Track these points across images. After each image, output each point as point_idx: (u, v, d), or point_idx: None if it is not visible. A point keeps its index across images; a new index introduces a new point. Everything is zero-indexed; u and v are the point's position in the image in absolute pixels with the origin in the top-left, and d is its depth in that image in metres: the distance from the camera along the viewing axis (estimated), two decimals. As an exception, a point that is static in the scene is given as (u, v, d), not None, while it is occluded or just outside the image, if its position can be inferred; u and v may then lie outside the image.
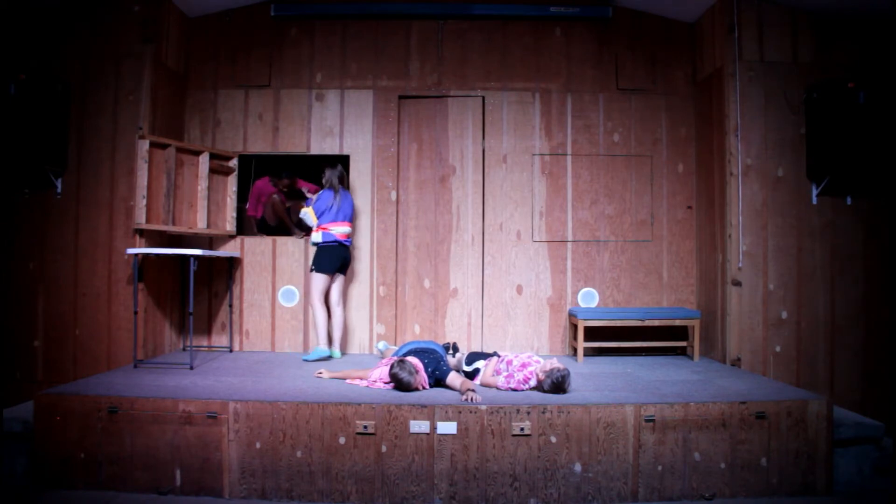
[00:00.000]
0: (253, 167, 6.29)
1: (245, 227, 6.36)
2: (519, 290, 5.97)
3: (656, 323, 5.54)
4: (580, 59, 6.04)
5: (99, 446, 3.78)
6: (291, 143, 6.01)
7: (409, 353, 4.44)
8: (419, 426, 3.72)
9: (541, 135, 6.02)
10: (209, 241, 5.93)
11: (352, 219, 5.61)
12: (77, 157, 5.22)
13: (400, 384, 4.09)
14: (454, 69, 6.04)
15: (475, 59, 6.04)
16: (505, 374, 4.24)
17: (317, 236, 5.41)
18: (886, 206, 5.29)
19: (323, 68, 6.03)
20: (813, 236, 5.30)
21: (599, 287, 5.97)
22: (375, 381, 4.31)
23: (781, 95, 5.33)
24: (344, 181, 5.59)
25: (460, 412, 3.74)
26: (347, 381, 4.46)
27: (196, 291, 5.35)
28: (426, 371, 4.23)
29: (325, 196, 5.44)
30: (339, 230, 5.43)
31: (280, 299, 5.92)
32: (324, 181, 5.52)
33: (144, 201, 5.11)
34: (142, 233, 5.16)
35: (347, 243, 5.52)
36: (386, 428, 3.73)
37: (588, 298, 5.94)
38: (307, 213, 5.47)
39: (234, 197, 5.95)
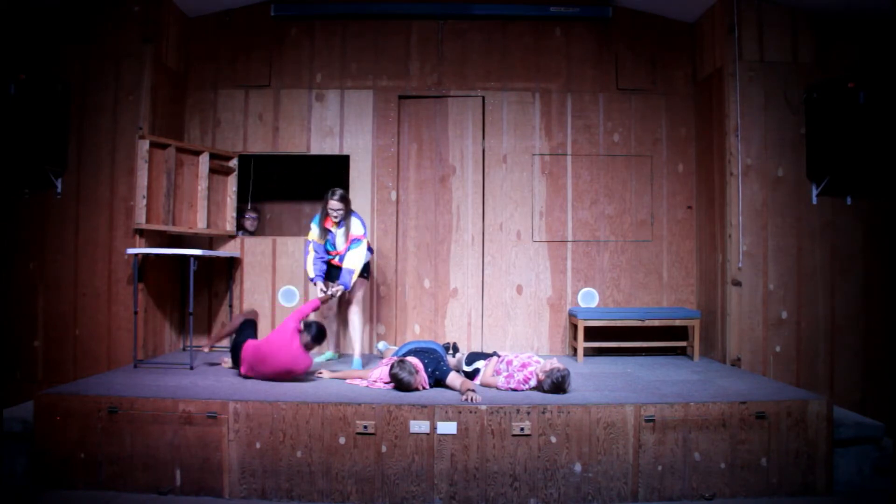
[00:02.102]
0: (252, 167, 6.28)
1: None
2: (519, 290, 5.97)
3: (656, 323, 5.53)
4: (580, 59, 6.04)
5: (99, 446, 3.78)
6: (291, 143, 6.01)
7: (410, 353, 4.44)
8: (419, 426, 3.72)
9: (541, 135, 6.02)
10: (209, 241, 5.92)
11: None
12: (77, 157, 5.22)
13: (400, 384, 4.09)
14: (454, 69, 6.04)
15: (475, 59, 6.04)
16: (505, 374, 4.24)
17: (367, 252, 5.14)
18: (886, 206, 5.29)
19: (323, 68, 6.03)
20: (813, 236, 5.30)
21: (599, 287, 5.97)
22: (375, 381, 4.31)
23: (781, 95, 5.33)
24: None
25: (460, 412, 3.74)
26: (347, 381, 4.46)
27: (196, 291, 5.34)
28: (426, 371, 4.23)
29: (360, 218, 5.14)
30: None
31: (280, 299, 5.92)
32: (338, 212, 5.00)
33: (144, 201, 5.11)
34: (142, 233, 5.16)
35: None
36: (386, 428, 3.73)
37: (588, 298, 5.94)
38: (363, 243, 5.00)
39: (234, 197, 5.95)
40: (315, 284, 5.04)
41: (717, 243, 5.56)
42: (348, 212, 5.04)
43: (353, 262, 4.94)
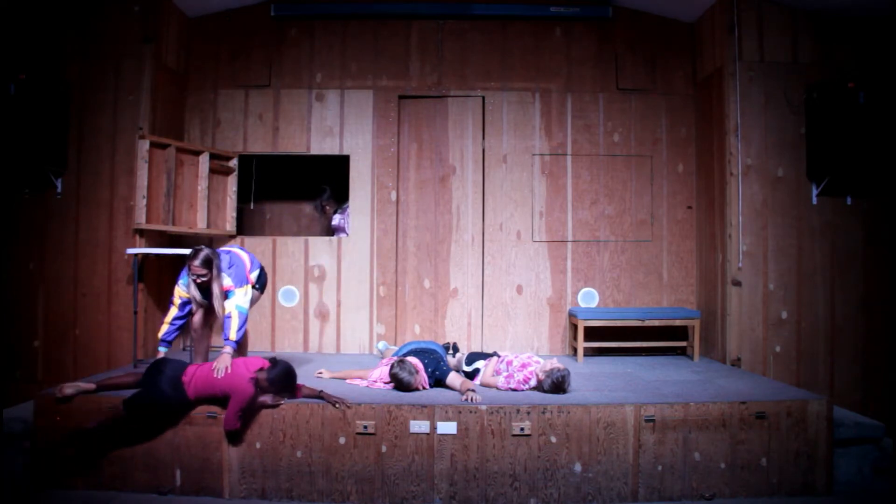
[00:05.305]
0: (254, 167, 6.27)
1: (245, 226, 6.36)
2: (519, 290, 5.97)
3: (656, 323, 5.53)
4: (580, 59, 6.04)
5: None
6: (291, 143, 6.01)
7: (410, 353, 4.44)
8: (419, 426, 3.72)
9: (541, 135, 6.02)
10: (209, 242, 5.91)
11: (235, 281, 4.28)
12: (77, 157, 5.22)
13: (400, 384, 4.09)
14: (454, 69, 6.04)
15: (475, 59, 6.04)
16: (505, 374, 4.24)
17: (254, 274, 4.45)
18: (886, 206, 5.29)
19: (323, 68, 6.03)
20: (813, 236, 5.30)
21: (599, 287, 5.96)
22: (375, 381, 4.31)
23: (781, 95, 5.33)
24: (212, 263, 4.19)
25: (460, 412, 3.74)
26: (347, 381, 4.46)
27: (196, 291, 5.34)
28: (426, 371, 4.23)
29: (234, 271, 4.28)
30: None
31: (280, 299, 5.92)
32: (203, 278, 4.16)
33: (144, 201, 5.11)
34: (142, 233, 5.16)
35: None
36: (386, 428, 3.73)
37: (588, 298, 5.94)
38: (236, 294, 4.20)
39: (234, 197, 5.95)
40: (157, 352, 4.29)
41: (717, 243, 5.56)
42: (217, 274, 4.18)
43: (231, 305, 4.16)
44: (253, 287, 4.41)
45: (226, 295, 4.21)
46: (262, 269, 4.61)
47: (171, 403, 3.73)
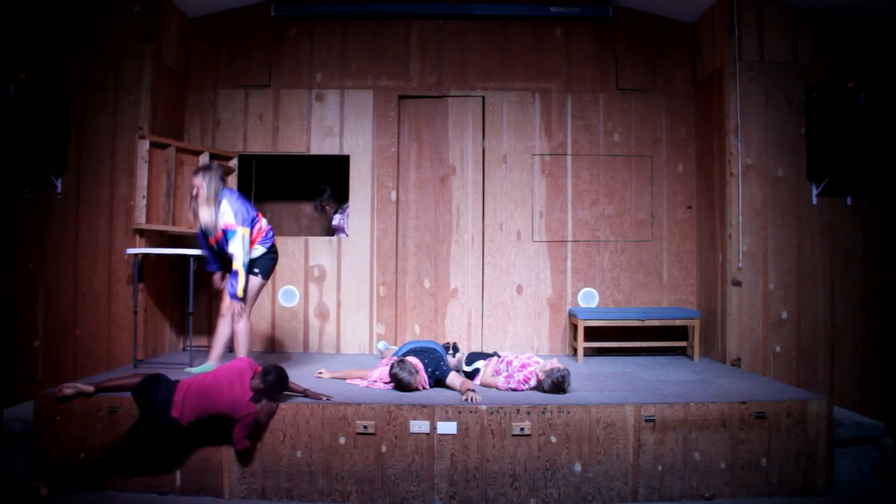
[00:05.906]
0: (254, 167, 6.26)
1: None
2: (519, 290, 5.97)
3: (656, 323, 5.53)
4: (580, 59, 6.04)
5: (99, 446, 3.78)
6: (291, 143, 6.01)
7: (409, 352, 4.44)
8: (419, 426, 3.72)
9: (541, 135, 6.02)
10: (209, 241, 5.92)
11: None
12: (77, 157, 5.22)
13: (400, 384, 4.10)
14: (454, 69, 6.04)
15: (475, 59, 6.04)
16: (505, 374, 4.25)
17: (257, 250, 4.36)
18: (886, 206, 5.29)
19: (323, 68, 6.03)
20: (813, 236, 5.30)
21: (599, 287, 5.97)
22: (375, 381, 4.31)
23: (781, 95, 5.33)
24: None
25: (460, 412, 3.74)
26: (347, 381, 4.46)
27: (196, 291, 5.32)
28: (426, 371, 4.23)
29: (235, 204, 4.21)
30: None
31: (280, 299, 5.92)
32: (195, 189, 4.21)
33: (144, 201, 5.11)
34: (142, 233, 5.16)
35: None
36: (386, 428, 3.73)
37: (588, 298, 5.94)
38: (237, 234, 4.14)
39: (234, 197, 5.95)
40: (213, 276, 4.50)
41: (717, 243, 5.56)
42: (214, 190, 4.10)
43: (236, 259, 4.13)
44: (254, 273, 4.35)
45: (225, 234, 4.19)
46: (272, 249, 4.45)
47: (168, 428, 3.64)
